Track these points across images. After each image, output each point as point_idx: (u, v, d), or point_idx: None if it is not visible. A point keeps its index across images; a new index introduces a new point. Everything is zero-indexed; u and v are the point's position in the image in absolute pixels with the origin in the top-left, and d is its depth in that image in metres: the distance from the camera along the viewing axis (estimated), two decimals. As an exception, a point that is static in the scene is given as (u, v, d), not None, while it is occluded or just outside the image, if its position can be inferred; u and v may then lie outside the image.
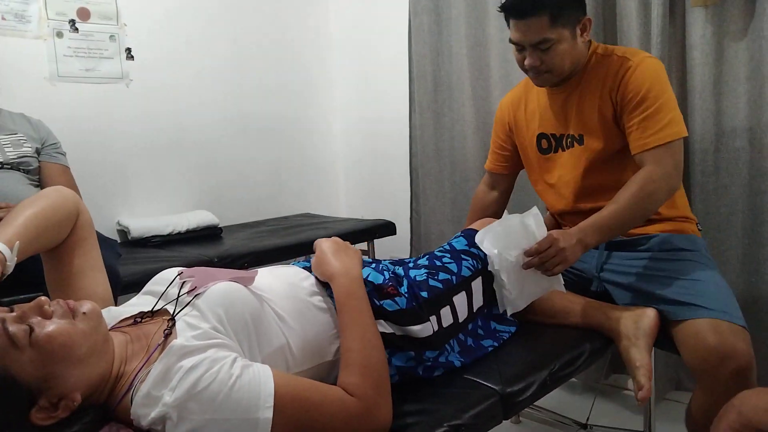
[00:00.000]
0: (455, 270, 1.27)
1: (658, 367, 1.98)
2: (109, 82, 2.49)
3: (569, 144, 1.57)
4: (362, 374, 0.94)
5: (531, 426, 2.03)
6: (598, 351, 1.37)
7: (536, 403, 1.61)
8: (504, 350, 1.29)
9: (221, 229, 2.59)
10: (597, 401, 2.06)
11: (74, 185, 1.89)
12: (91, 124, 2.43)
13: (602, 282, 1.53)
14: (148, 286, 1.07)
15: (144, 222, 2.46)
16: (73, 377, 0.82)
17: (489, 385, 1.13)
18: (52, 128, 1.97)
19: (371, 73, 3.13)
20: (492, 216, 1.80)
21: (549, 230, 1.31)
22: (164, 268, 1.09)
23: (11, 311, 0.82)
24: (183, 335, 0.87)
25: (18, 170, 1.78)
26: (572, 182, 1.57)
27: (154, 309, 0.98)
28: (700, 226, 1.59)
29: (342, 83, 3.29)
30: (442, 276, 1.24)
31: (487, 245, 1.31)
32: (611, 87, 1.45)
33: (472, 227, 1.44)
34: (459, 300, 1.24)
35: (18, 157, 1.78)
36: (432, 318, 1.16)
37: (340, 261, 1.11)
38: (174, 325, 0.90)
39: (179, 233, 2.46)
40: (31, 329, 0.80)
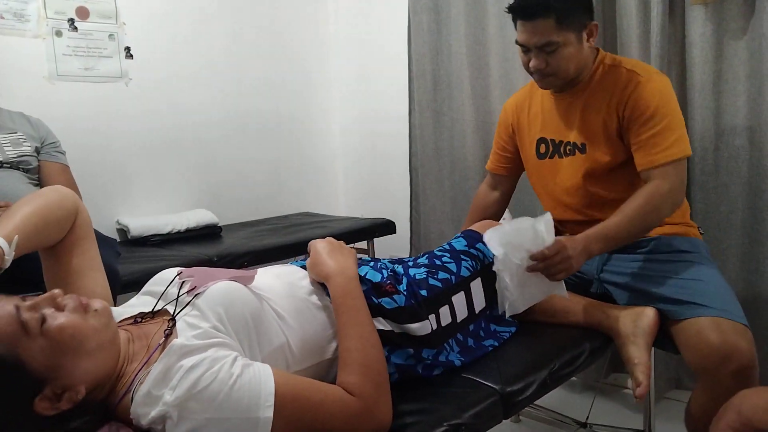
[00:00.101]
0: (454, 270, 1.27)
1: (658, 366, 1.98)
2: (108, 81, 2.49)
3: (568, 151, 1.57)
4: (362, 373, 0.94)
5: (531, 425, 2.03)
6: (598, 350, 1.37)
7: (536, 402, 1.61)
8: (504, 349, 1.29)
9: (221, 228, 2.59)
10: (597, 400, 2.06)
11: (74, 184, 1.89)
12: (91, 123, 2.43)
13: (602, 283, 1.53)
14: (147, 287, 1.07)
15: (143, 221, 2.45)
16: (80, 370, 0.83)
17: (489, 385, 1.13)
18: (52, 127, 1.96)
19: (371, 72, 3.13)
20: (492, 216, 1.81)
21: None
22: (164, 267, 1.09)
23: (24, 300, 0.83)
24: (183, 335, 0.87)
25: (17, 169, 1.77)
26: (571, 190, 1.57)
27: (154, 309, 0.98)
28: (701, 230, 1.59)
29: (341, 82, 3.28)
30: (442, 275, 1.24)
31: (494, 245, 1.31)
32: (618, 101, 1.45)
33: (472, 228, 1.43)
34: (458, 300, 1.24)
35: (17, 156, 1.78)
36: (431, 317, 1.16)
37: (336, 261, 1.11)
38: (174, 325, 0.90)
39: (179, 232, 2.46)
40: (44, 319, 0.81)
